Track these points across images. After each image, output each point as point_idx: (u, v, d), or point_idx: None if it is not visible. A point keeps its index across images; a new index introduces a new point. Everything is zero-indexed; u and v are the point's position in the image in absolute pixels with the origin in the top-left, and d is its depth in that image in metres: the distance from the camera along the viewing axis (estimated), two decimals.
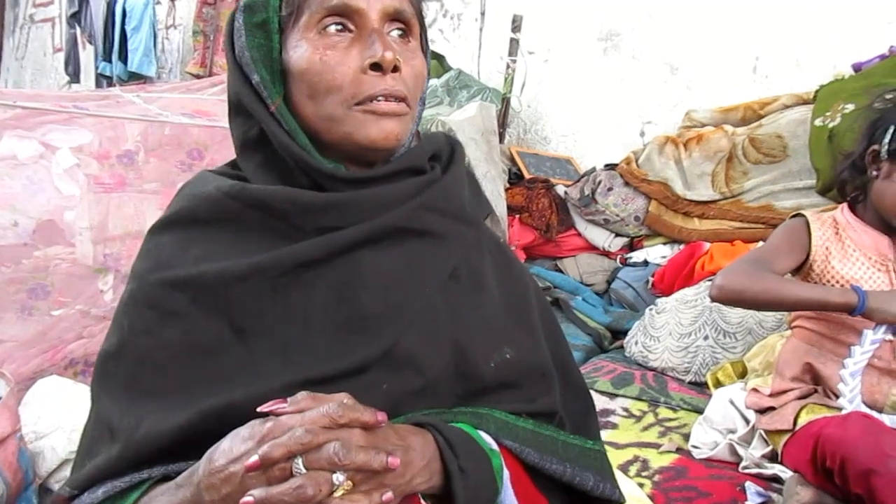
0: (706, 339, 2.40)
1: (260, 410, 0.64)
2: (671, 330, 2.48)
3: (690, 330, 2.44)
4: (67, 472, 1.64)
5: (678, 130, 3.27)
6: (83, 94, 3.45)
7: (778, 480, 1.68)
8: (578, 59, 3.76)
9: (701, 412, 2.01)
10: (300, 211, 0.76)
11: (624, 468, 1.82)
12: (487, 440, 0.74)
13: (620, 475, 1.42)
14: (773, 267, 1.57)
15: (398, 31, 0.78)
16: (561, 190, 3.35)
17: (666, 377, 2.41)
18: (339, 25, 0.75)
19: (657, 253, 3.11)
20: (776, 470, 1.69)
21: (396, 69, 0.75)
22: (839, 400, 1.56)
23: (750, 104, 3.08)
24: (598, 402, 2.14)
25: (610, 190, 3.15)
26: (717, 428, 1.89)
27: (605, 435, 1.85)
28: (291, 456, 0.60)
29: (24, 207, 2.09)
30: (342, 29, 0.76)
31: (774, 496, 1.65)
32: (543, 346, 0.86)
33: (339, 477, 0.60)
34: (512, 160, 3.61)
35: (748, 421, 1.80)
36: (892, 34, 2.83)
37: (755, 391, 1.74)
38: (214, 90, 2.89)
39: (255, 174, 0.80)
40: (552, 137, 3.90)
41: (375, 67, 0.74)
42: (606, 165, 3.32)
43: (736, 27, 3.26)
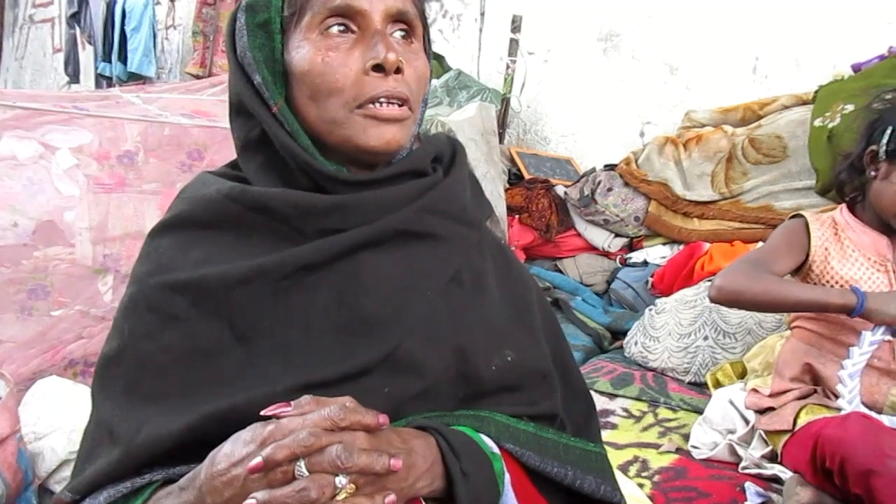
0: (706, 339, 2.40)
1: (264, 414, 0.63)
2: (671, 330, 2.48)
3: (690, 330, 2.44)
4: (67, 472, 1.64)
5: (678, 131, 3.27)
6: (83, 94, 3.45)
7: (777, 481, 1.69)
8: (578, 59, 3.76)
9: (700, 412, 2.01)
10: (302, 213, 0.75)
11: (624, 468, 1.82)
12: (489, 443, 0.74)
13: (620, 476, 1.42)
14: (772, 268, 1.57)
15: (401, 32, 0.78)
16: (561, 190, 3.35)
17: (666, 377, 2.41)
18: (341, 26, 0.75)
19: (657, 253, 3.11)
20: (776, 470, 1.69)
21: (399, 71, 0.75)
22: (838, 400, 1.56)
23: (749, 104, 3.08)
24: (597, 402, 2.13)
25: (609, 190, 3.15)
26: (716, 428, 1.89)
27: (604, 435, 1.84)
28: (294, 458, 0.60)
29: (23, 208, 2.09)
30: (344, 30, 0.75)
31: (774, 496, 1.65)
32: (544, 347, 0.86)
33: (341, 480, 0.60)
34: (511, 160, 3.61)
35: (748, 421, 1.80)
36: (891, 35, 2.83)
37: (755, 391, 1.74)
38: (214, 91, 2.90)
39: (255, 175, 0.79)
40: (552, 138, 3.90)
41: (378, 69, 0.74)
42: (606, 166, 3.32)
43: (736, 27, 3.26)
